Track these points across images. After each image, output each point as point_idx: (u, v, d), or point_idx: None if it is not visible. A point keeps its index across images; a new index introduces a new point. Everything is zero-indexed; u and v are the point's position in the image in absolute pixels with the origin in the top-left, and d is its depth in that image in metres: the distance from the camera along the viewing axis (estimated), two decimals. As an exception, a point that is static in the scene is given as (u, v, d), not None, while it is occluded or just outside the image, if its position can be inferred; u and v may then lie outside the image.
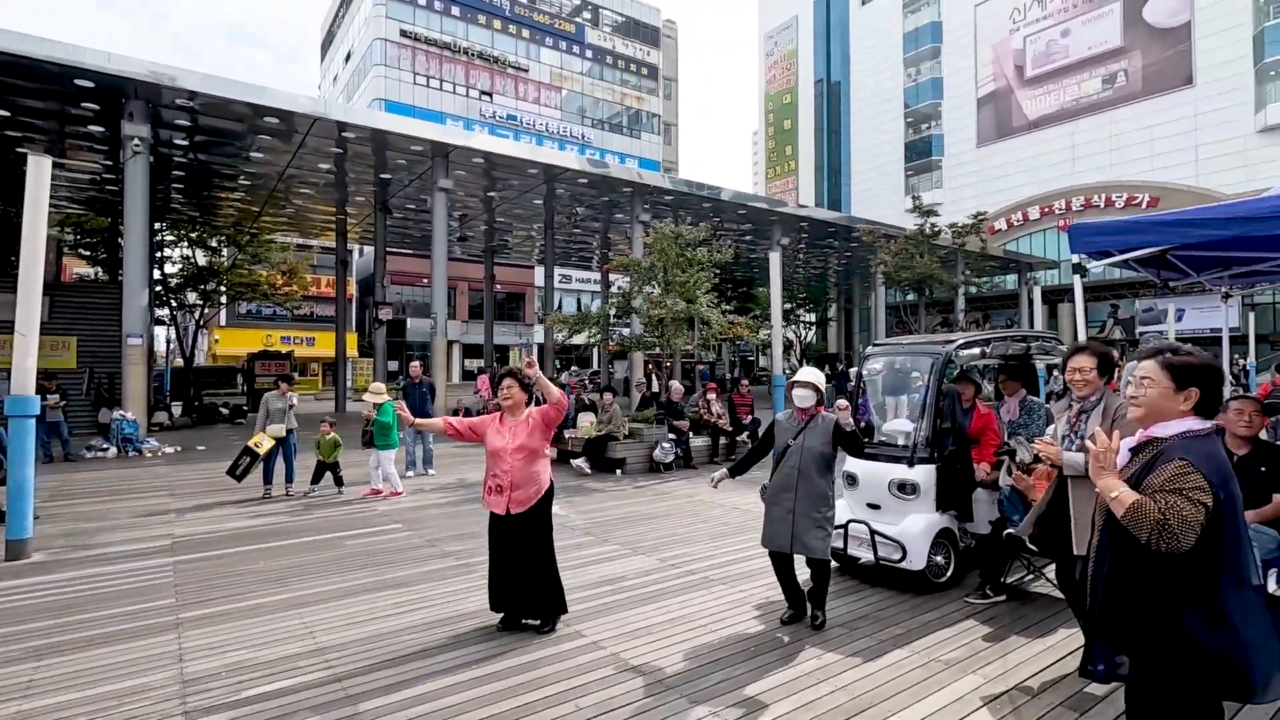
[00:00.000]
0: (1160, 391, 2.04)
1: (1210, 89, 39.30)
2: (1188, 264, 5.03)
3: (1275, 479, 3.83)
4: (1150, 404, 2.06)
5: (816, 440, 4.04)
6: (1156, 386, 2.05)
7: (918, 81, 53.82)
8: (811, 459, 4.02)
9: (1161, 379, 2.04)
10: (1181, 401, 2.03)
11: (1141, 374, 2.09)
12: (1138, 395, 2.08)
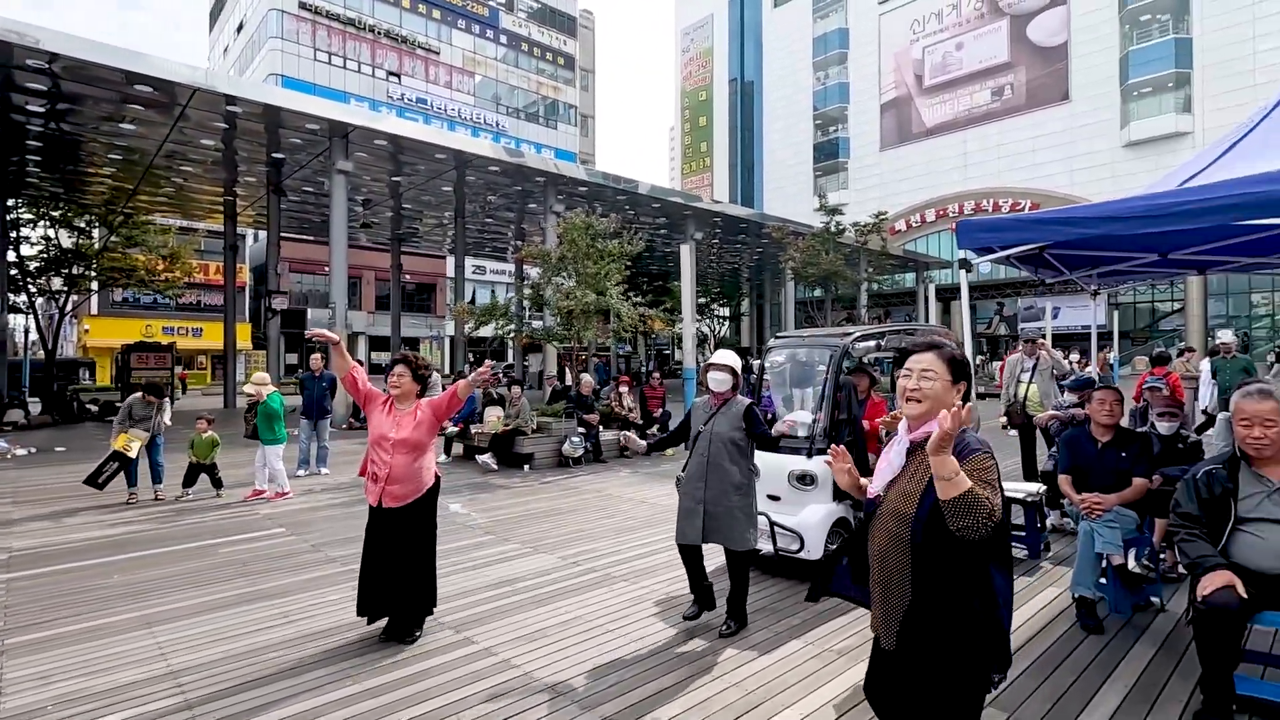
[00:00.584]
0: (943, 385, 1.96)
1: (1084, 105, 42.77)
2: (1062, 262, 5.32)
3: (1135, 463, 4.09)
4: (935, 397, 1.95)
5: (727, 426, 3.91)
6: (939, 380, 1.96)
7: (826, 85, 55.74)
8: (722, 445, 3.88)
9: (943, 372, 1.97)
10: (956, 395, 1.97)
11: (922, 367, 1.98)
12: (920, 388, 1.96)
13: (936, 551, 1.87)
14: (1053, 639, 3.76)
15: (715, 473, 3.87)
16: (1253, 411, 2.92)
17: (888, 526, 1.98)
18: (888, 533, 1.97)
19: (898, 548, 1.94)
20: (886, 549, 1.97)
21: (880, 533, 2.01)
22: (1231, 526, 2.95)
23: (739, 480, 3.88)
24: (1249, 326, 36.42)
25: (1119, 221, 3.47)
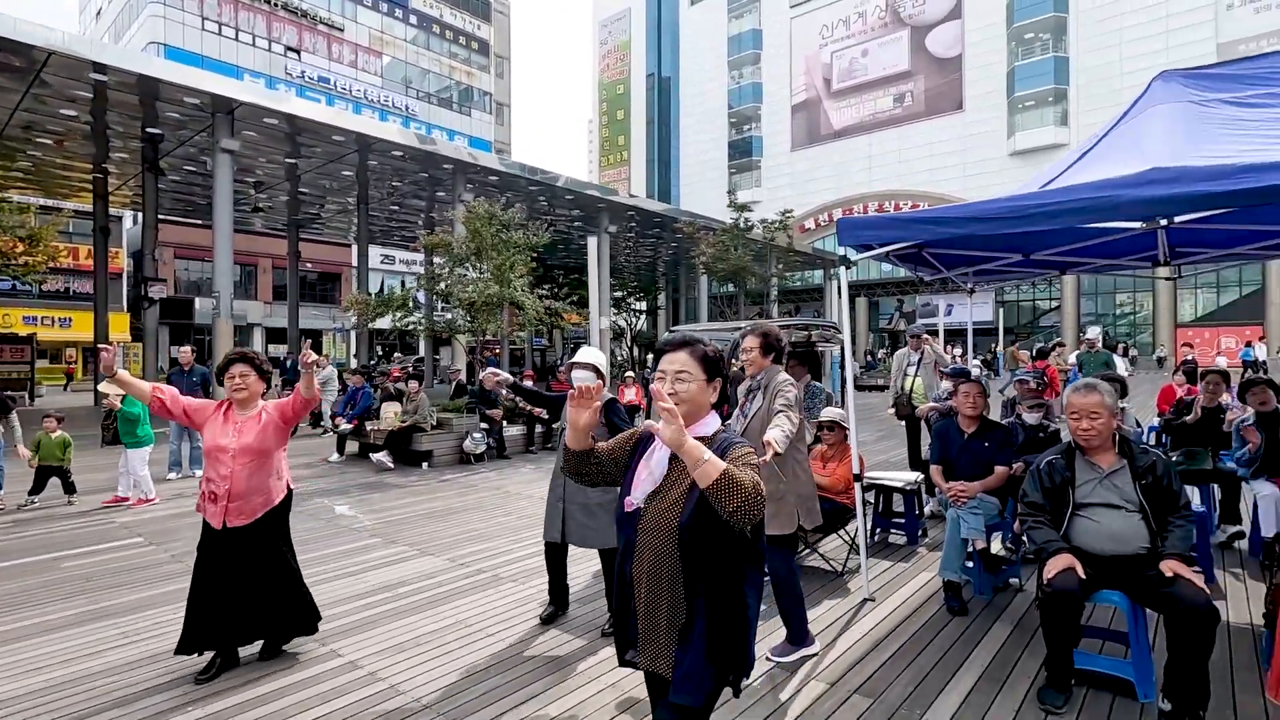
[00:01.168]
0: (699, 385, 1.80)
1: (976, 115, 45.58)
2: (940, 261, 5.56)
3: (997, 452, 4.31)
4: (692, 399, 1.79)
5: None
6: (695, 380, 1.79)
7: (740, 84, 56.85)
8: None
9: (698, 371, 1.81)
10: (713, 393, 1.84)
11: (676, 368, 1.81)
12: (676, 391, 1.77)
13: (705, 559, 1.73)
14: (921, 622, 3.91)
15: None
16: (1080, 405, 3.10)
17: (653, 543, 1.77)
18: (654, 550, 1.76)
19: (667, 564, 1.74)
20: (655, 568, 1.76)
21: (646, 551, 1.78)
22: (1070, 512, 3.14)
23: None
24: (1114, 324, 39.96)
25: (982, 222, 3.62)
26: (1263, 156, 2.99)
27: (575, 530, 3.80)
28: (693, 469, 1.59)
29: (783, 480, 3.40)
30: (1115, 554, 3.02)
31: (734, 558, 1.77)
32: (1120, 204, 3.14)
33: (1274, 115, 3.55)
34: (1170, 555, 2.89)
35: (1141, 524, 3.02)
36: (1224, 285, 37.07)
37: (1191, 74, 4.25)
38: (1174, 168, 3.06)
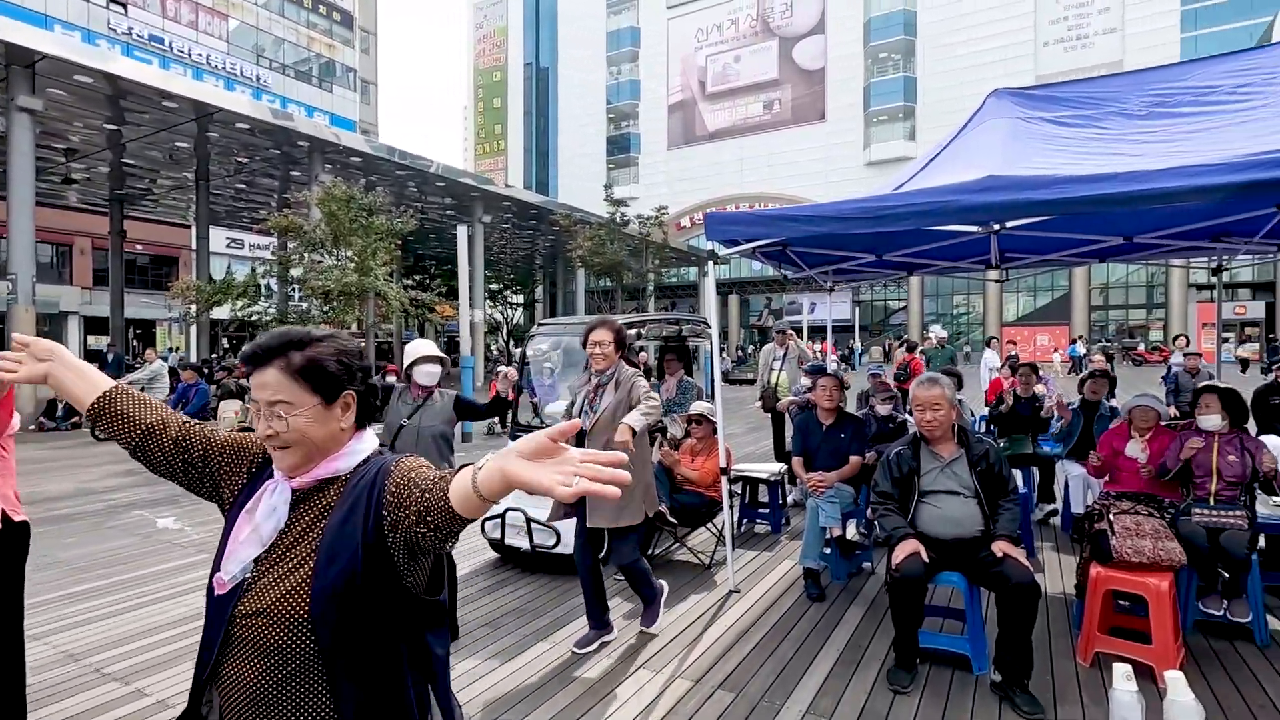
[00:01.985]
0: (307, 415, 1.15)
1: (837, 125, 48.63)
2: (802, 259, 5.76)
3: (852, 442, 4.50)
4: (299, 429, 1.14)
5: (435, 420, 3.61)
6: (302, 412, 1.14)
7: (619, 80, 57.14)
8: (431, 439, 3.56)
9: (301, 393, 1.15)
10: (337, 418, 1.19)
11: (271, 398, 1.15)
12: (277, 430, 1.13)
13: (355, 644, 1.09)
14: (783, 611, 4.01)
15: None
16: (924, 398, 3.28)
17: (265, 637, 1.08)
18: (266, 649, 1.09)
19: (288, 668, 1.08)
20: (263, 682, 1.08)
21: (247, 656, 1.10)
22: (916, 499, 3.31)
23: None
24: (951, 323, 44.17)
25: (839, 220, 3.73)
26: (1075, 170, 3.28)
27: None
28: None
29: (633, 469, 3.31)
30: (955, 537, 3.21)
31: (395, 631, 1.14)
32: (960, 208, 3.33)
33: (1084, 134, 3.94)
34: (1000, 536, 3.11)
35: (977, 508, 3.23)
36: (1039, 289, 42.03)
37: (1019, 93, 4.65)
38: (1007, 176, 3.28)
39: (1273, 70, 3.88)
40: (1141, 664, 3.05)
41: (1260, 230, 4.66)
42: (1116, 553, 3.28)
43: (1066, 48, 43.09)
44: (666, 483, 4.69)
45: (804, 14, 49.96)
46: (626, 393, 3.35)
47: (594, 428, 3.36)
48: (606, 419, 3.33)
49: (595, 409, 3.39)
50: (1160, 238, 4.80)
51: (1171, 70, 4.37)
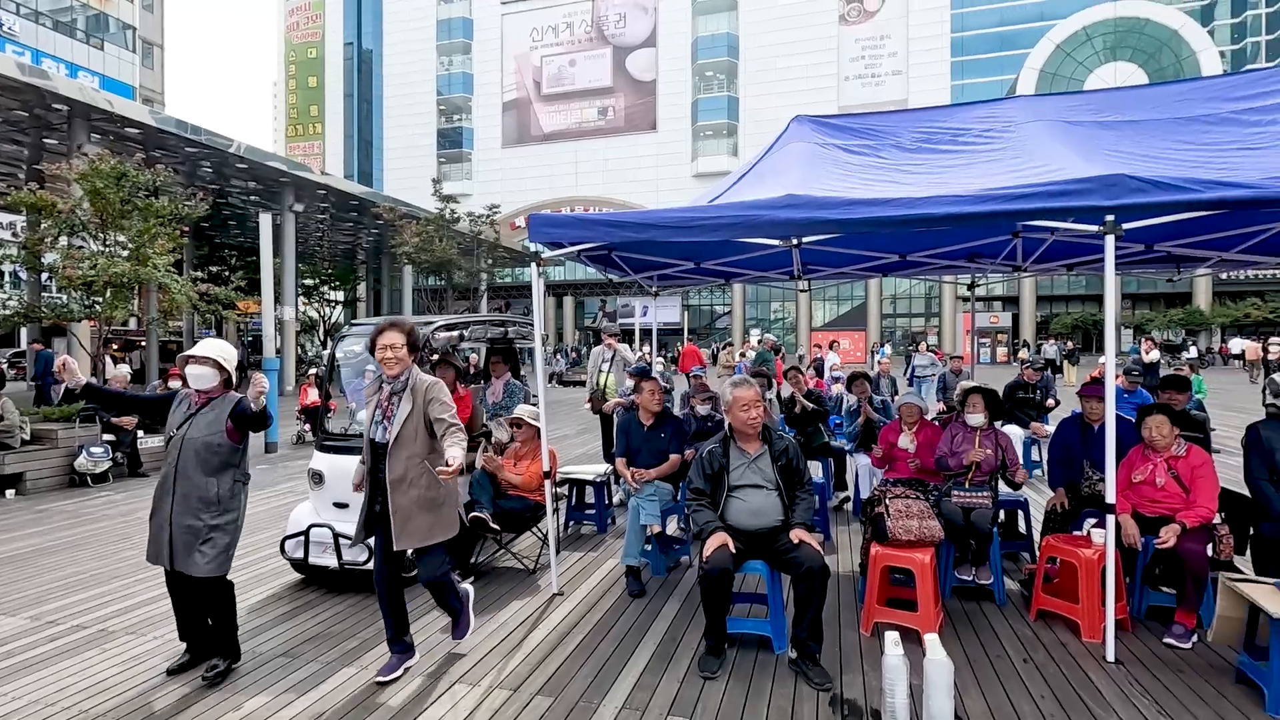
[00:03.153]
0: None
1: (668, 136, 50.63)
2: (626, 264, 5.90)
3: (671, 441, 4.68)
4: None
5: (204, 430, 3.18)
6: None
7: (450, 72, 55.11)
8: (194, 453, 3.14)
9: None
10: None
11: None
12: None
13: None
14: (605, 610, 4.07)
15: (184, 484, 3.14)
16: (745, 397, 3.50)
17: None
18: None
19: None
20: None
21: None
22: (726, 494, 3.51)
23: (212, 494, 3.17)
24: (770, 327, 47.76)
25: (657, 228, 3.87)
26: (858, 194, 3.68)
27: (179, 554, 3.11)
28: None
29: (443, 486, 3.18)
30: (758, 528, 3.45)
31: None
32: (763, 223, 3.59)
33: (867, 161, 4.43)
34: (797, 525, 3.39)
35: (778, 500, 3.49)
36: (841, 298, 46.79)
37: (816, 120, 5.12)
38: (804, 196, 3.59)
39: (1009, 119, 4.62)
40: (911, 629, 3.48)
41: (1001, 253, 5.54)
42: (891, 533, 3.72)
43: (864, 83, 48.43)
44: (489, 488, 4.57)
45: (637, 26, 51.47)
46: (424, 402, 3.10)
47: (395, 442, 3.08)
48: (409, 433, 3.09)
49: (392, 420, 3.11)
50: (928, 256, 5.54)
51: (935, 112, 5.05)
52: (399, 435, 3.07)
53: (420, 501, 3.10)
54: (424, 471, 3.10)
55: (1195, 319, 38.03)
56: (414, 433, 3.10)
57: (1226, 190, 3.05)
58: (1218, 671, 3.23)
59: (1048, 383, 8.46)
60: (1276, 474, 3.86)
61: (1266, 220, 4.32)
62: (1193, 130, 4.05)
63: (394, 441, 3.08)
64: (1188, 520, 3.61)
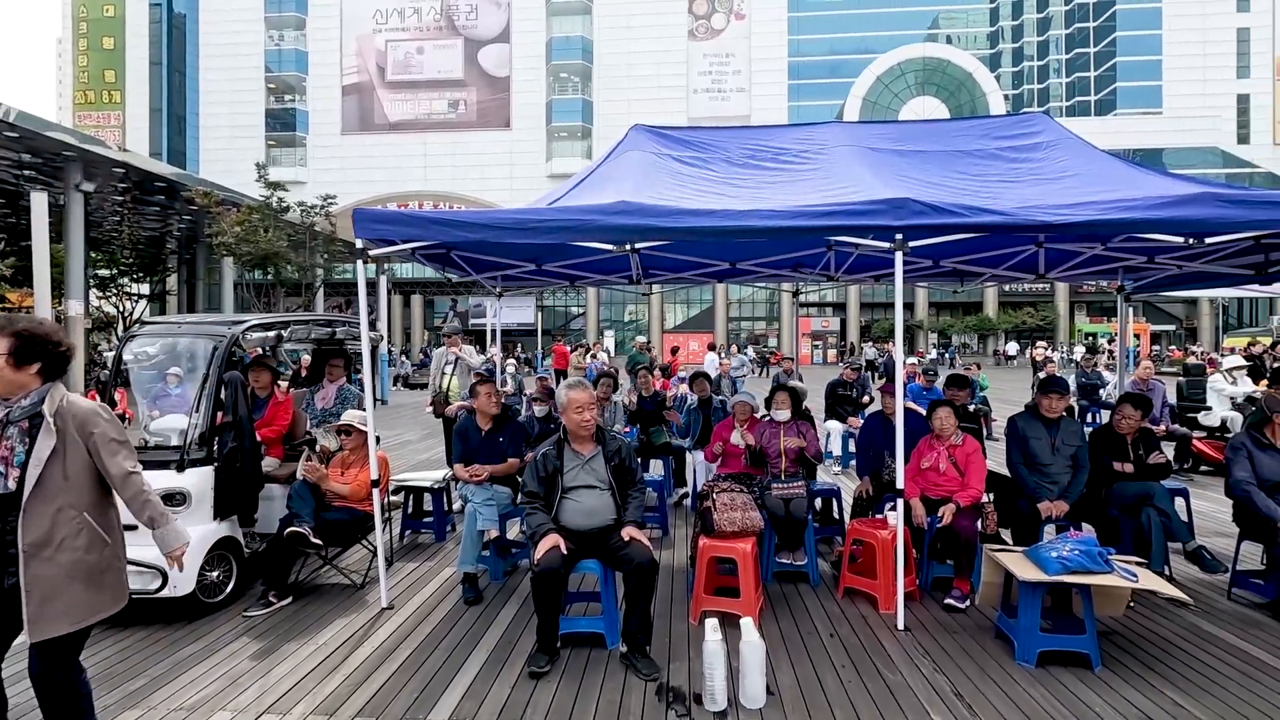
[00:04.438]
0: None
1: (522, 134, 49.96)
2: (469, 264, 5.76)
3: (510, 444, 4.63)
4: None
5: None
6: None
7: (281, 46, 50.64)
8: None
9: None
10: None
11: None
12: None
13: None
14: (437, 620, 3.93)
15: None
16: (581, 400, 3.54)
17: None
18: None
19: None
20: None
21: None
22: (560, 495, 3.54)
23: None
24: (624, 329, 48.64)
25: (492, 229, 3.81)
26: (688, 204, 3.86)
27: None
28: None
29: (108, 544, 2.37)
30: (591, 527, 3.51)
31: None
32: (597, 227, 3.67)
33: (699, 173, 4.66)
34: (628, 523, 3.49)
35: (610, 499, 3.57)
36: (691, 301, 48.73)
37: (654, 131, 5.30)
38: (636, 203, 3.71)
39: (823, 142, 5.07)
40: (734, 615, 3.71)
41: (820, 264, 6.06)
42: (717, 525, 3.94)
43: (711, 97, 50.80)
44: (311, 500, 4.26)
45: (489, 20, 50.30)
46: (83, 435, 2.27)
47: (35, 490, 2.18)
48: (55, 479, 2.21)
49: (16, 462, 2.20)
50: (755, 265, 5.93)
51: (761, 131, 5.42)
52: (40, 481, 2.19)
53: (74, 570, 2.24)
54: (82, 528, 2.27)
55: (985, 325, 43.84)
56: (64, 478, 2.24)
57: (987, 216, 3.56)
58: (983, 630, 3.76)
59: (865, 381, 9.36)
60: (1029, 459, 4.56)
61: (1021, 242, 5.10)
62: (967, 162, 4.67)
63: (32, 491, 2.19)
64: (961, 500, 4.16)
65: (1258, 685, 3.14)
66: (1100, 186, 4.02)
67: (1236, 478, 3.99)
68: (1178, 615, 3.91)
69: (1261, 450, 4.01)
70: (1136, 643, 3.60)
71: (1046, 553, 3.34)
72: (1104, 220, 3.48)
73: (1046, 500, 4.34)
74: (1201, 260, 5.22)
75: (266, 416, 4.85)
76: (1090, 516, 4.48)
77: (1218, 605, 4.10)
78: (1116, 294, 6.52)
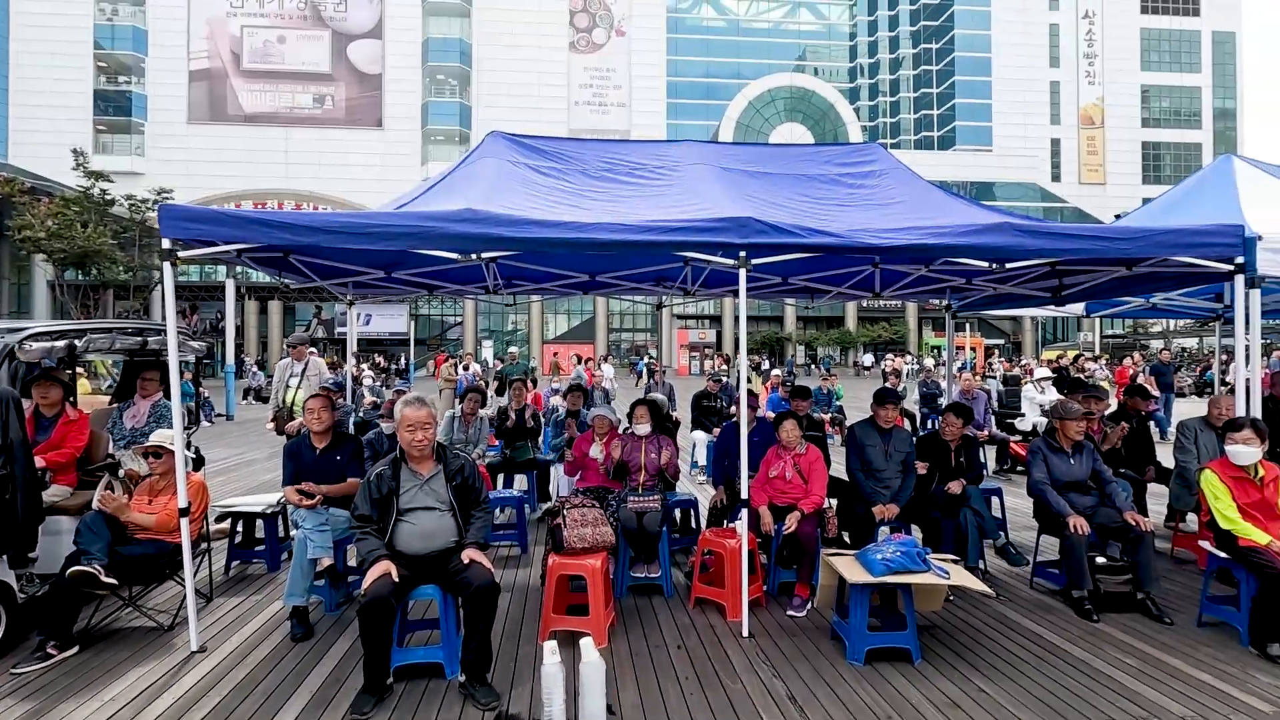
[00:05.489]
0: None
1: (395, 135, 47.85)
2: (312, 269, 5.34)
3: (349, 463, 4.32)
4: None
5: None
6: None
7: (114, 22, 45.52)
8: None
9: None
10: None
11: None
12: None
13: None
14: (258, 660, 3.56)
15: None
16: (413, 418, 3.34)
17: None
18: None
19: None
20: None
21: None
22: (395, 519, 3.32)
23: None
24: (503, 339, 47.57)
25: (325, 233, 3.54)
26: (541, 215, 3.78)
27: None
28: None
29: None
30: (430, 551, 3.32)
31: None
32: (440, 234, 3.51)
33: (555, 184, 4.60)
34: (469, 544, 3.33)
35: (451, 521, 3.40)
36: (572, 311, 48.58)
37: (512, 139, 5.19)
38: (483, 211, 3.58)
39: (678, 159, 5.17)
40: (585, 633, 3.64)
41: (679, 277, 6.18)
42: (567, 542, 3.86)
43: (592, 110, 51.16)
44: (106, 533, 3.73)
45: (360, 14, 47.88)
46: None
47: None
48: None
49: None
50: (615, 278, 5.95)
51: (619, 145, 5.46)
52: None
53: None
54: None
55: (847, 338, 47.01)
56: None
57: (821, 237, 3.75)
58: (820, 631, 3.93)
59: (730, 392, 9.67)
60: (866, 465, 4.85)
61: (859, 263, 5.45)
62: (810, 186, 4.94)
63: None
64: (805, 507, 4.35)
65: (1049, 668, 3.49)
66: (923, 213, 4.37)
67: (1034, 478, 4.46)
68: (987, 606, 4.29)
69: (1054, 453, 4.50)
70: (952, 634, 3.90)
71: (873, 555, 3.55)
72: (922, 244, 3.77)
73: (880, 504, 4.64)
74: (1010, 283, 5.83)
75: (54, 438, 4.23)
76: (918, 517, 4.83)
77: (1021, 594, 4.54)
78: (945, 312, 7.15)
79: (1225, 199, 4.84)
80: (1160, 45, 55.91)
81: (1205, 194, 5.20)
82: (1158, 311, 7.12)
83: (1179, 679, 3.35)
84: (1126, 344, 37.87)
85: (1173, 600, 4.32)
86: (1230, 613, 3.84)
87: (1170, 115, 56.18)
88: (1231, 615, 3.83)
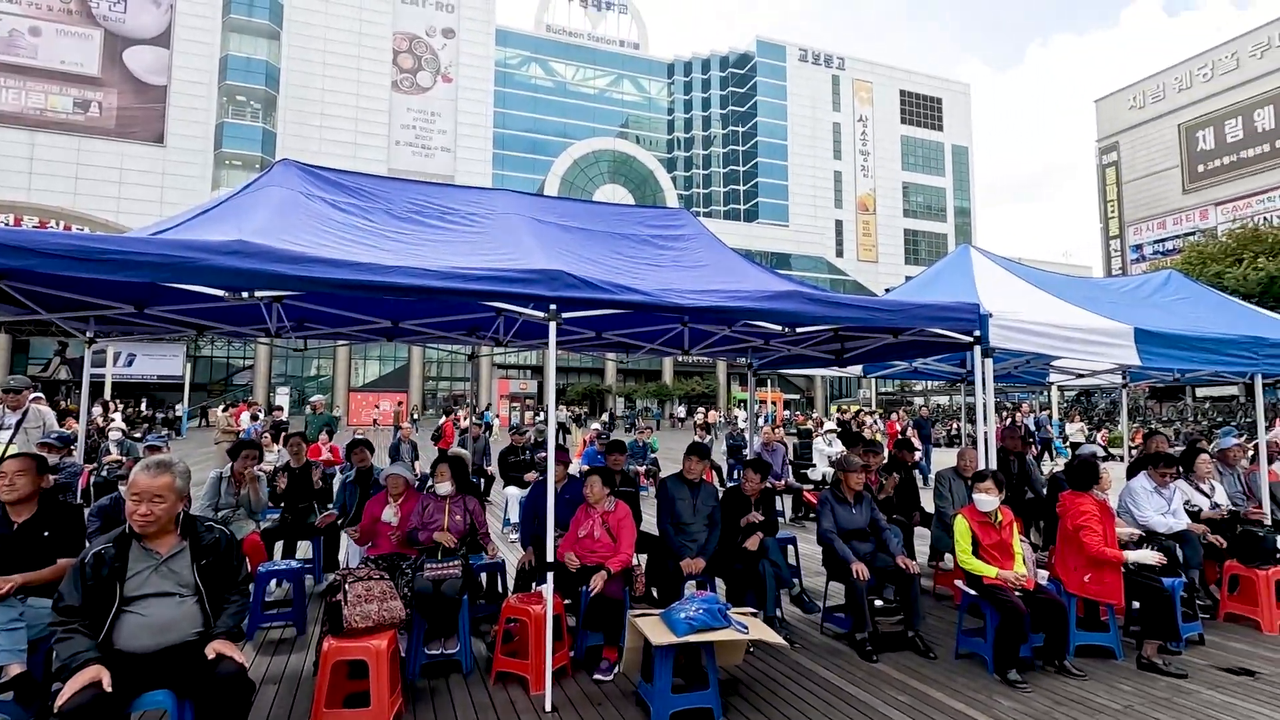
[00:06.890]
0: None
1: (180, 155, 42.67)
2: (35, 300, 4.39)
3: (58, 543, 3.50)
4: None
5: None
6: None
7: None
8: None
9: None
10: None
11: None
12: None
13: None
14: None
15: None
16: (146, 486, 2.75)
17: None
18: None
19: None
20: None
21: None
22: (116, 610, 2.68)
23: None
24: (303, 385, 43.29)
25: (40, 257, 2.90)
26: (334, 254, 3.42)
27: None
28: None
29: None
30: (163, 646, 2.72)
31: None
32: (201, 267, 3.02)
33: (354, 222, 4.24)
34: (218, 635, 2.78)
35: (196, 608, 2.82)
36: (384, 358, 45.67)
37: (307, 169, 4.73)
38: (257, 244, 3.15)
39: (492, 207, 5.04)
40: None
41: (493, 327, 5.96)
42: (347, 621, 3.39)
43: (414, 152, 49.66)
44: None
45: (142, 17, 42.65)
46: None
47: None
48: None
49: None
50: (422, 325, 5.60)
51: (431, 187, 5.21)
52: None
53: None
54: None
55: (664, 391, 49.02)
56: None
57: (632, 294, 3.79)
58: (626, 698, 3.80)
59: (542, 445, 9.48)
60: (675, 519, 4.91)
61: (668, 321, 5.63)
62: (622, 244, 5.04)
63: None
64: (612, 566, 4.25)
65: (836, 713, 3.65)
66: (725, 277, 4.63)
67: (823, 528, 4.78)
68: (783, 655, 4.45)
69: (839, 504, 4.87)
70: (752, 687, 3.97)
71: (677, 615, 3.52)
72: (723, 306, 3.96)
73: (688, 558, 4.69)
74: (802, 345, 6.36)
75: None
76: (721, 570, 4.94)
77: (813, 640, 4.78)
78: (748, 369, 7.64)
79: (965, 282, 5.70)
80: (915, 151, 67.15)
81: (951, 277, 6.10)
82: (918, 374, 8.17)
83: (939, 709, 3.67)
84: (895, 400, 43.56)
85: (936, 635, 4.79)
86: (979, 644, 4.33)
87: (923, 209, 67.29)
88: (980, 646, 4.32)
